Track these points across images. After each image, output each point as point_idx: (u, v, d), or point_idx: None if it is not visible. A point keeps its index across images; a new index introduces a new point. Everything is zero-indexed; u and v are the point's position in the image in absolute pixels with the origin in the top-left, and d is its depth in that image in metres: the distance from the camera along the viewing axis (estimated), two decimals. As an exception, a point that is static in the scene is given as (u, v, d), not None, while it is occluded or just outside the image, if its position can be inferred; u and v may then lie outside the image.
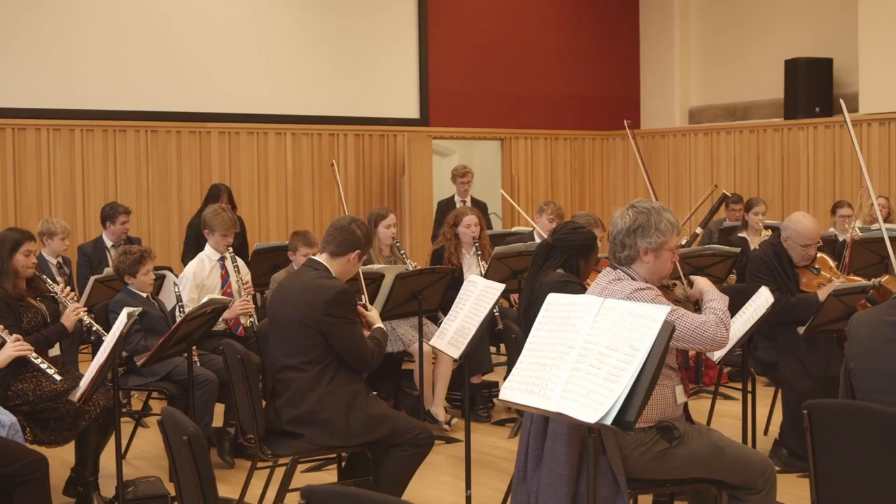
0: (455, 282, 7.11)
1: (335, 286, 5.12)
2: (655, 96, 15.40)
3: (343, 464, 5.64)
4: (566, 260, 5.53)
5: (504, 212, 13.91)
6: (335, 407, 5.06)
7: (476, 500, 5.87)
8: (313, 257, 5.35)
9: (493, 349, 8.84)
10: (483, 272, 7.74)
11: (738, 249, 8.33)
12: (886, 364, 3.97)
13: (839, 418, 3.97)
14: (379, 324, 5.46)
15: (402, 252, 8.15)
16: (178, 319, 6.15)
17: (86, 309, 6.20)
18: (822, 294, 6.32)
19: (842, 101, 6.80)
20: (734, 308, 4.99)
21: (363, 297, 6.12)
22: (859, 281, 6.65)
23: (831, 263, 6.75)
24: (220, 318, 6.61)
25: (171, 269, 8.36)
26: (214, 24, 12.10)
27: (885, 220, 9.80)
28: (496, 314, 7.85)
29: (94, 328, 6.14)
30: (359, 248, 5.27)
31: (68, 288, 6.37)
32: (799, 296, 6.44)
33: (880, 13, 12.42)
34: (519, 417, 7.04)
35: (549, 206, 9.21)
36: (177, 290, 7.01)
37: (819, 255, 6.67)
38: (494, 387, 8.07)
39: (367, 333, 5.35)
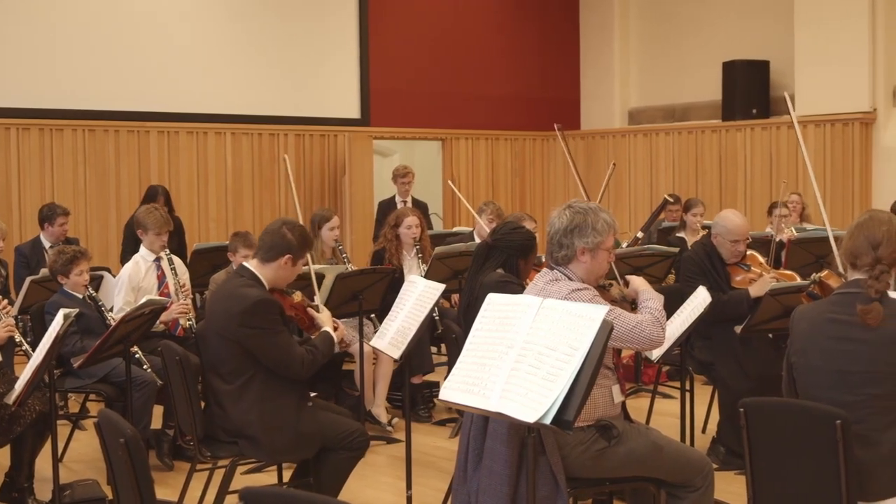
0: (396, 282, 7.11)
1: (252, 296, 4.98)
2: (595, 97, 15.49)
3: (283, 465, 5.62)
4: (506, 260, 5.55)
5: (445, 212, 13.92)
6: (260, 425, 4.97)
7: (417, 501, 5.88)
8: (244, 263, 5.25)
9: (434, 349, 8.84)
10: (423, 273, 7.75)
11: (676, 249, 8.40)
12: (826, 361, 4.03)
13: (775, 416, 4.03)
14: (327, 327, 5.33)
15: (343, 255, 8.13)
16: (112, 322, 6.09)
17: (19, 328, 6.11)
18: (754, 290, 6.41)
19: (786, 94, 6.89)
20: (670, 307, 5.03)
21: (315, 297, 6.07)
22: (790, 275, 6.75)
23: (761, 260, 6.83)
24: (158, 321, 6.57)
25: (108, 270, 8.27)
26: (153, 23, 11.97)
27: (802, 218, 9.96)
28: (436, 318, 7.85)
29: (24, 347, 6.07)
30: (290, 252, 5.13)
31: (5, 301, 6.30)
32: (730, 293, 6.50)
33: (816, 16, 12.59)
34: (460, 417, 7.05)
35: (489, 206, 9.24)
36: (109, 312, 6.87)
37: (749, 252, 6.75)
38: (435, 387, 8.08)
39: (315, 335, 5.32)
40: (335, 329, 5.39)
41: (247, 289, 5.04)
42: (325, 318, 5.41)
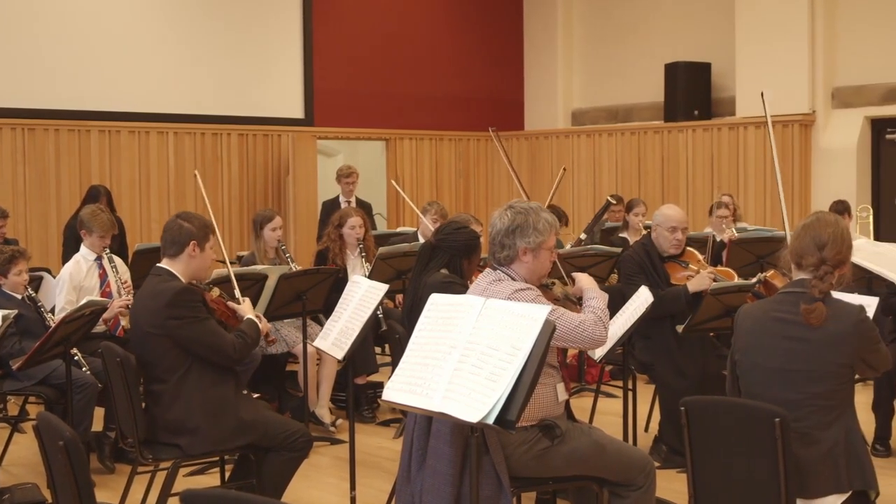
0: (339, 283, 7.09)
1: (172, 287, 5.01)
2: (539, 98, 15.55)
3: (226, 467, 5.59)
4: (450, 260, 5.54)
5: (389, 212, 13.91)
6: (201, 414, 4.97)
7: (361, 501, 5.87)
8: (158, 264, 5.22)
9: (378, 349, 8.83)
10: (367, 273, 7.73)
11: (619, 249, 8.45)
12: (769, 359, 4.08)
13: (715, 415, 4.07)
14: (250, 315, 5.36)
15: (287, 255, 8.09)
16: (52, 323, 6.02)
17: None
18: (692, 285, 6.48)
19: (763, 94, 6.95)
20: (612, 307, 5.06)
21: (235, 291, 6.03)
22: (728, 272, 6.85)
23: (699, 257, 6.91)
24: (100, 319, 6.50)
25: (49, 271, 8.17)
26: (95, 20, 11.86)
27: (734, 219, 10.07)
28: (380, 316, 7.84)
29: None
30: (193, 238, 5.13)
31: None
32: (668, 289, 6.57)
33: (756, 19, 12.74)
34: (404, 418, 7.05)
35: (433, 206, 9.25)
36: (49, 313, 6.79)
37: (688, 249, 6.84)
38: (379, 387, 8.06)
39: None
40: (258, 319, 5.40)
41: (166, 283, 5.06)
42: (246, 308, 5.44)
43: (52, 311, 6.84)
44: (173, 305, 4.96)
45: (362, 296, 5.51)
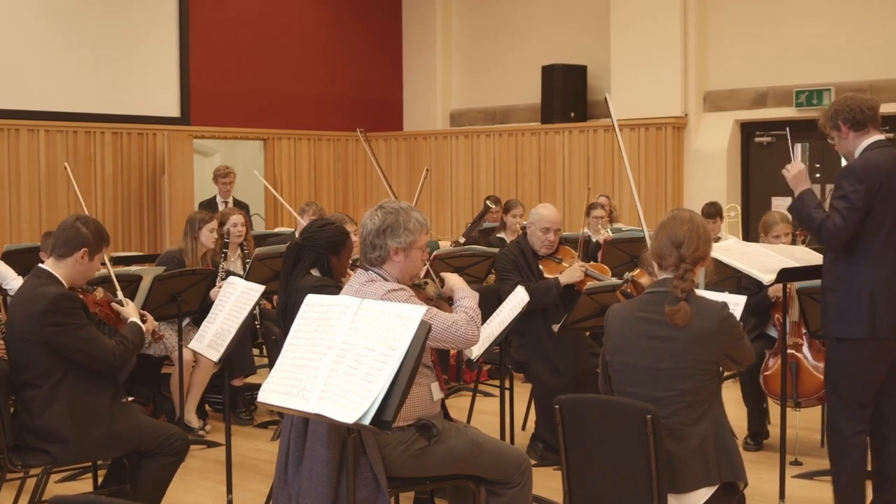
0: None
1: (50, 293, 4.88)
2: (418, 99, 15.60)
3: (99, 472, 5.49)
4: (317, 258, 5.45)
5: (266, 213, 13.80)
6: (73, 424, 4.86)
7: (237, 504, 5.84)
8: (40, 265, 5.10)
9: (255, 351, 8.76)
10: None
11: (496, 250, 8.51)
12: (638, 358, 4.16)
13: (588, 413, 4.13)
14: (134, 318, 5.25)
15: (221, 264, 7.86)
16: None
17: None
18: (563, 277, 6.59)
19: (607, 95, 7.08)
20: (487, 307, 5.10)
21: (118, 293, 5.91)
22: (602, 267, 6.98)
23: (574, 253, 7.03)
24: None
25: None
26: (-40, 16, 11.55)
27: (611, 220, 10.27)
28: (256, 322, 7.75)
29: None
30: (85, 245, 5.02)
31: None
32: (539, 281, 6.66)
33: (631, 24, 12.97)
34: (281, 419, 7.01)
35: (312, 206, 9.19)
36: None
37: (562, 246, 6.95)
38: (257, 389, 7.95)
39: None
40: (144, 320, 5.31)
41: (44, 287, 4.93)
42: (130, 310, 5.32)
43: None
44: (50, 312, 4.83)
45: (238, 297, 5.47)
